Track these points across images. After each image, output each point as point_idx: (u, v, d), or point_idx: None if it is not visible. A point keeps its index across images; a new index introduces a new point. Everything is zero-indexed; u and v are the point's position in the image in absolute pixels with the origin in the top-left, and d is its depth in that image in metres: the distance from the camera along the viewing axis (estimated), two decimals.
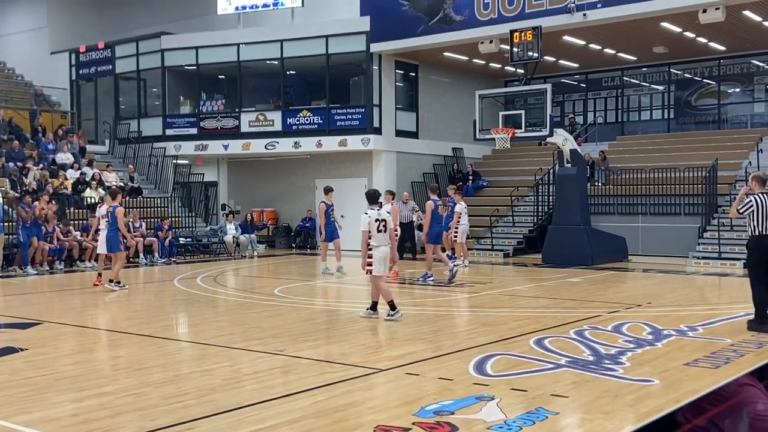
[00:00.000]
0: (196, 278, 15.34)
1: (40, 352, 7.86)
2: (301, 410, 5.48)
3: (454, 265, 15.31)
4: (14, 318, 10.24)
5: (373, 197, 10.04)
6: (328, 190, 16.04)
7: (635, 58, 24.08)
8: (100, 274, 13.78)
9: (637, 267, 17.49)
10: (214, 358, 7.56)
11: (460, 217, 17.08)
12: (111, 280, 13.16)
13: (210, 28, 25.20)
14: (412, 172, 23.65)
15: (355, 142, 22.53)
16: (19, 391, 6.15)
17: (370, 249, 9.71)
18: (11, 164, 20.23)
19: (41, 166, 20.70)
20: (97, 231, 14.19)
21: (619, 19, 18.55)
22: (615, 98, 26.38)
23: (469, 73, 24.73)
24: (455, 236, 17.39)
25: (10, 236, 16.82)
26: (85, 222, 18.64)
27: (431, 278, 14.36)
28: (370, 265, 9.73)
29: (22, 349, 7.96)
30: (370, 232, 9.67)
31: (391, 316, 9.69)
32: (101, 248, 13.63)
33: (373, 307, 9.99)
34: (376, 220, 9.71)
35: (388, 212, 10.60)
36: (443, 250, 18.80)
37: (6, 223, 17.29)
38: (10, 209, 18.11)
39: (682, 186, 19.63)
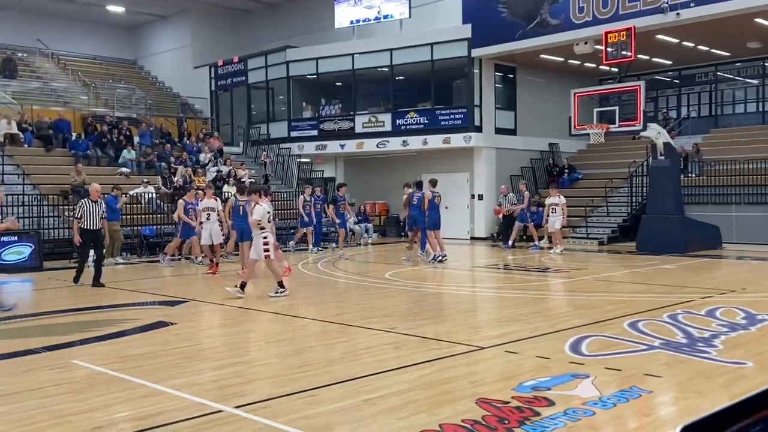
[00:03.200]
0: (317, 263, 15.70)
1: (186, 326, 8.28)
2: (409, 382, 5.51)
3: (540, 248, 15.38)
4: (166, 296, 10.83)
5: (265, 191, 10.19)
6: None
7: (729, 54, 22.62)
8: (216, 263, 14.14)
9: (730, 254, 16.48)
10: (333, 334, 7.71)
11: (552, 209, 17.58)
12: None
13: (328, 40, 25.64)
14: (511, 166, 23.24)
15: (457, 140, 22.38)
16: (169, 359, 6.49)
17: (265, 237, 9.83)
18: (162, 164, 21.36)
19: (187, 165, 21.67)
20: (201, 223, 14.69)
21: (713, 17, 17.46)
22: (708, 92, 24.88)
23: (565, 72, 24.00)
24: (563, 225, 17.75)
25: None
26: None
27: (443, 257, 15.03)
28: (267, 251, 9.88)
29: (172, 323, 8.41)
30: (260, 221, 9.83)
31: (280, 293, 9.92)
32: (206, 239, 14.23)
33: (281, 284, 10.14)
34: (268, 212, 9.91)
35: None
36: (540, 237, 18.63)
37: (160, 215, 18.31)
38: (162, 203, 19.16)
39: None
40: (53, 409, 4.94)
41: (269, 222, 10.07)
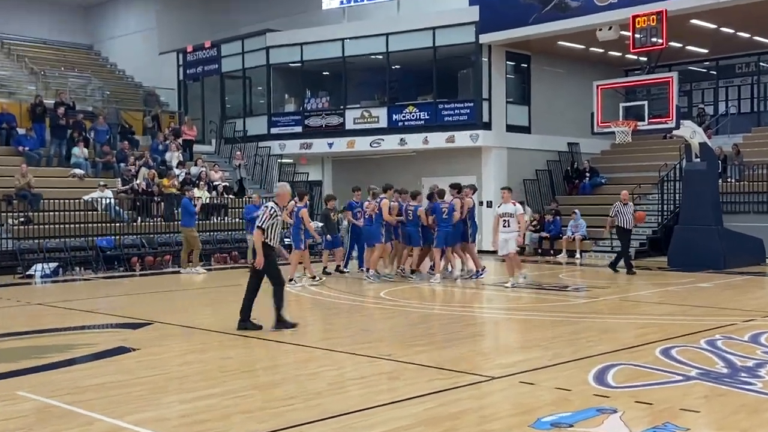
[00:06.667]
0: (301, 279, 15.65)
1: (150, 353, 8.24)
2: (409, 417, 5.50)
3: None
4: (127, 318, 10.77)
5: None
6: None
7: None
8: None
9: None
10: (319, 362, 7.70)
11: (504, 222, 13.98)
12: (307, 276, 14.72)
13: (314, 23, 25.71)
14: (524, 169, 23.29)
15: (463, 138, 22.44)
16: (131, 390, 6.46)
17: None
18: (123, 165, 21.29)
19: (151, 167, 21.46)
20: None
21: None
22: (750, 86, 25.07)
23: (586, 62, 24.15)
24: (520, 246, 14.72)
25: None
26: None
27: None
28: None
29: (133, 349, 8.38)
30: None
31: None
32: None
33: None
34: None
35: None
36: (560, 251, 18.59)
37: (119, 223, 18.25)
38: (120, 209, 19.12)
39: None
40: None
41: None
